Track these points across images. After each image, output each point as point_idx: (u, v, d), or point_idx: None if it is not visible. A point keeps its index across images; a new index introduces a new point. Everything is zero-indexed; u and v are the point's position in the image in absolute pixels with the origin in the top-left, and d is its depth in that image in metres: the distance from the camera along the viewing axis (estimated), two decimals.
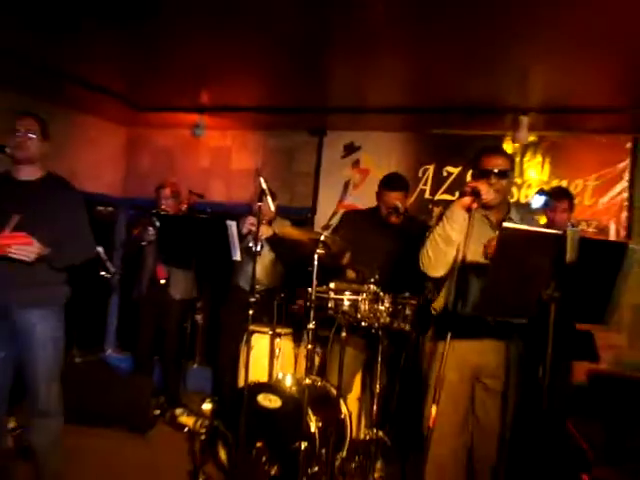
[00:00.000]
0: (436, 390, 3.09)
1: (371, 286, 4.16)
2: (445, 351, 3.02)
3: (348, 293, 4.17)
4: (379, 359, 4.30)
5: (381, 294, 4.12)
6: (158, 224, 5.46)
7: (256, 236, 4.23)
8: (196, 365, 7.00)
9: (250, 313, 4.10)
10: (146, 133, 7.58)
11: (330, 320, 4.23)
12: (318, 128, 6.82)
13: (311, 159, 6.94)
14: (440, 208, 3.74)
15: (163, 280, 5.67)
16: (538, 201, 4.58)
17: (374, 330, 4.19)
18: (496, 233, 2.96)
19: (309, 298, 3.94)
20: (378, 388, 4.31)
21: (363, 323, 4.15)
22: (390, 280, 4.26)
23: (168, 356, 5.81)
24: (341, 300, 4.16)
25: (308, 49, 4.62)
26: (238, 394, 4.21)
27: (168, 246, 5.41)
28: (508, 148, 6.08)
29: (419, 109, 5.87)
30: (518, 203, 5.99)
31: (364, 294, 4.14)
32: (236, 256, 4.83)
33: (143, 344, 5.84)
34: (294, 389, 4.19)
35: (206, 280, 6.30)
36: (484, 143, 5.94)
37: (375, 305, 4.12)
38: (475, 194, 3.07)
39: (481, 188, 3.08)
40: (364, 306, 4.12)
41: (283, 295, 4.88)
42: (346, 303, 4.15)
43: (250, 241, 4.61)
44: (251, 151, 7.17)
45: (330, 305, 4.17)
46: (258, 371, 4.58)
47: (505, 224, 2.74)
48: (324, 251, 3.96)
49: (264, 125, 6.96)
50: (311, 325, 3.98)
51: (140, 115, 6.81)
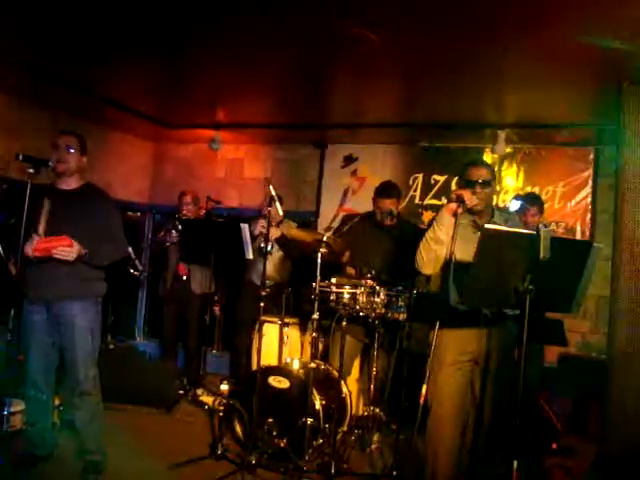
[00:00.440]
0: (430, 371, 3.11)
1: (368, 281, 4.18)
2: (435, 337, 3.04)
3: (348, 287, 4.19)
4: (375, 345, 4.32)
5: (377, 288, 4.13)
6: (180, 227, 5.49)
7: (266, 237, 4.25)
8: (215, 351, 6.99)
9: (261, 305, 4.12)
10: (170, 147, 7.58)
11: (332, 311, 4.24)
12: (320, 142, 6.82)
13: (314, 169, 6.94)
14: (431, 213, 3.75)
15: (184, 276, 5.69)
16: (515, 205, 4.59)
17: (371, 319, 4.21)
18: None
19: (313, 292, 3.96)
20: (375, 370, 4.33)
21: (361, 313, 4.16)
22: (385, 275, 4.28)
23: (190, 343, 5.83)
24: (341, 293, 4.17)
25: (312, 74, 4.64)
26: (251, 376, 4.23)
27: (189, 246, 5.45)
28: (488, 159, 6.07)
29: (410, 124, 5.88)
30: (497, 207, 5.99)
31: (362, 288, 4.15)
32: (249, 255, 4.85)
33: (168, 333, 5.86)
34: (301, 372, 4.20)
35: (222, 276, 6.31)
36: (466, 154, 5.99)
37: (372, 297, 4.13)
38: (460, 201, 3.10)
39: (465, 195, 3.11)
40: (362, 298, 4.13)
41: (291, 289, 4.89)
42: (346, 296, 4.16)
43: (261, 241, 4.62)
44: (261, 162, 7.16)
45: (332, 298, 4.18)
46: (269, 356, 4.58)
47: (486, 225, 2.76)
48: (326, 250, 3.98)
49: (273, 139, 6.97)
50: (315, 315, 3.99)
51: (165, 131, 6.83)
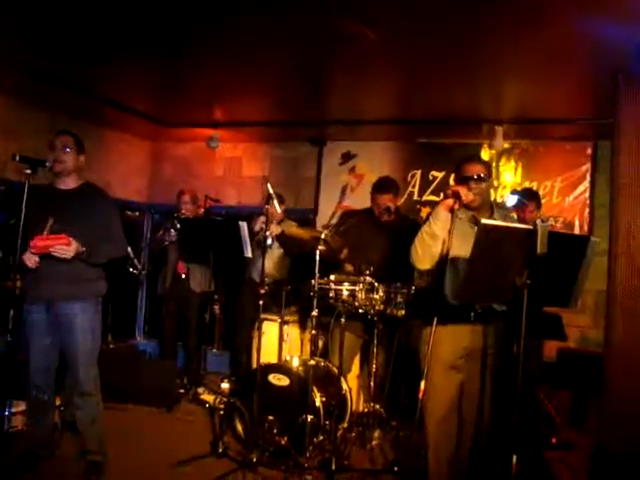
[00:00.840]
0: (427, 368, 3.11)
1: (367, 277, 4.18)
2: (432, 334, 3.05)
3: (346, 284, 4.18)
4: (375, 341, 4.33)
5: (376, 284, 4.13)
6: (179, 226, 5.49)
7: (265, 232, 4.27)
8: (215, 350, 6.98)
9: (260, 303, 4.12)
10: (168, 146, 7.58)
11: (331, 308, 4.25)
12: (318, 139, 6.82)
13: (313, 166, 6.94)
14: (428, 209, 3.74)
15: (183, 275, 5.70)
16: (512, 200, 4.58)
17: (370, 316, 4.21)
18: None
19: (312, 289, 3.96)
20: (374, 367, 4.34)
21: (360, 310, 4.17)
22: (383, 272, 4.28)
23: (190, 342, 5.83)
24: (340, 290, 4.17)
25: (309, 72, 4.64)
26: (252, 374, 4.23)
27: (188, 245, 5.45)
28: (485, 155, 6.09)
29: (407, 121, 5.88)
30: (496, 203, 5.99)
31: (361, 284, 4.15)
32: (247, 253, 4.86)
33: (168, 332, 5.86)
34: (300, 369, 4.20)
35: (222, 274, 6.31)
36: (464, 150, 5.98)
37: (370, 294, 4.13)
38: (456, 196, 3.10)
39: (461, 191, 3.11)
40: (361, 295, 4.13)
41: (290, 287, 4.89)
42: (345, 293, 4.16)
43: (261, 237, 4.64)
44: (260, 160, 7.17)
45: (331, 295, 4.18)
46: (269, 354, 4.59)
47: (483, 221, 2.75)
48: (325, 247, 3.98)
49: (271, 137, 6.96)
50: (314, 313, 4.00)
51: (163, 130, 6.82)
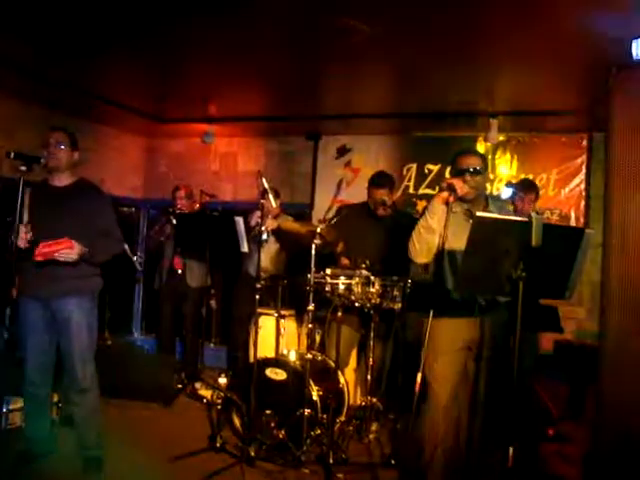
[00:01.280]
0: (424, 361, 3.11)
1: (363, 271, 4.18)
2: (428, 326, 3.05)
3: (343, 278, 4.17)
4: (371, 335, 4.33)
5: (372, 278, 4.13)
6: (175, 222, 5.49)
7: (260, 227, 4.26)
8: (212, 344, 7.02)
9: (257, 298, 4.12)
10: (163, 142, 7.56)
11: (327, 302, 4.25)
12: (314, 133, 6.82)
13: (308, 161, 6.94)
14: (424, 202, 3.73)
15: (179, 270, 5.69)
16: (507, 192, 4.60)
17: (366, 310, 4.22)
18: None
19: (308, 283, 3.96)
20: (371, 360, 4.34)
21: (356, 304, 4.16)
22: (379, 265, 4.28)
23: (187, 337, 5.83)
24: (336, 284, 4.16)
25: (303, 66, 4.64)
26: (249, 368, 4.24)
27: (184, 240, 5.44)
28: (481, 147, 6.09)
29: (403, 115, 5.89)
30: (491, 195, 6.00)
31: (357, 278, 4.14)
32: (244, 248, 4.85)
33: (165, 327, 5.87)
34: (297, 363, 4.21)
35: (218, 269, 6.31)
36: (460, 143, 5.98)
37: (367, 288, 4.13)
38: (451, 189, 3.09)
39: (456, 184, 3.11)
40: (357, 289, 4.13)
41: (286, 281, 4.89)
42: (341, 286, 4.15)
43: (257, 232, 4.64)
44: (255, 155, 7.16)
45: (327, 289, 4.18)
46: (266, 348, 4.59)
47: (478, 213, 2.75)
48: (320, 241, 3.98)
49: (266, 132, 6.96)
50: (311, 307, 4.00)
51: (157, 126, 6.81)
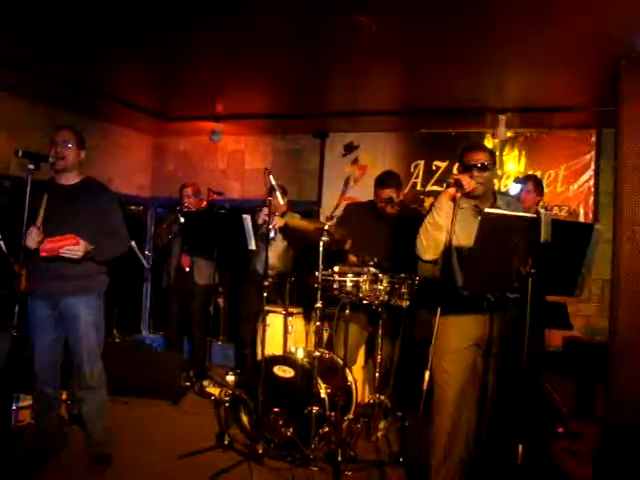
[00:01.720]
0: (432, 358, 3.09)
1: (370, 268, 4.17)
2: (437, 323, 3.03)
3: (350, 275, 4.16)
4: (379, 332, 4.32)
5: (380, 275, 4.11)
6: (182, 220, 5.48)
7: (268, 224, 4.25)
8: (220, 342, 7.03)
9: (265, 295, 4.12)
10: (170, 140, 7.57)
11: (335, 299, 4.24)
12: (321, 131, 6.80)
13: (315, 158, 6.92)
14: (432, 199, 3.71)
15: (187, 268, 5.70)
16: (515, 189, 4.55)
17: (374, 307, 4.20)
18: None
19: (316, 280, 3.95)
20: (379, 358, 4.33)
21: (364, 301, 4.14)
22: (387, 262, 4.26)
23: (195, 335, 5.85)
24: (344, 281, 4.14)
25: (310, 63, 4.62)
26: (257, 366, 4.24)
27: (192, 238, 5.44)
28: (489, 144, 6.05)
29: (409, 111, 5.85)
30: (500, 191, 5.96)
31: (365, 275, 4.12)
32: (251, 245, 4.85)
33: (173, 325, 5.89)
34: (305, 361, 4.21)
35: (226, 267, 6.31)
36: (467, 140, 5.96)
37: (375, 285, 4.11)
38: (458, 185, 3.07)
39: (463, 180, 3.08)
40: (365, 286, 4.11)
41: (294, 278, 4.88)
42: (349, 284, 4.13)
43: (264, 229, 4.64)
44: (262, 153, 7.15)
45: (335, 286, 4.16)
46: (274, 346, 4.58)
47: (486, 209, 2.73)
48: (328, 239, 3.96)
49: (273, 130, 6.95)
50: (319, 304, 3.99)
51: (165, 125, 6.81)
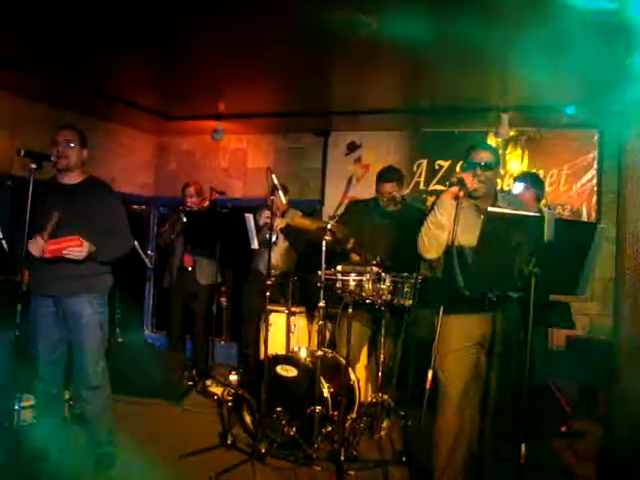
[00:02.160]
0: (435, 358, 3.09)
1: (373, 267, 4.17)
2: (439, 322, 3.03)
3: (353, 274, 4.17)
4: (382, 331, 4.32)
5: (382, 274, 4.12)
6: (185, 219, 5.49)
7: (271, 227, 4.25)
8: (222, 342, 7.03)
9: (267, 295, 4.12)
10: (172, 140, 7.57)
11: (338, 298, 4.24)
12: (323, 130, 6.80)
13: (318, 157, 6.92)
14: (433, 198, 3.70)
15: (189, 268, 5.71)
16: (518, 188, 4.53)
17: (377, 306, 4.20)
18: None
19: (319, 280, 3.95)
20: (382, 357, 4.33)
21: (367, 300, 4.15)
22: (390, 261, 4.26)
23: (198, 334, 5.85)
24: (347, 280, 4.16)
25: (312, 62, 4.61)
26: (259, 365, 4.24)
27: (194, 238, 5.45)
28: (492, 143, 6.05)
29: (412, 110, 5.85)
30: (502, 191, 5.96)
31: (367, 275, 4.14)
32: (254, 244, 4.85)
33: (175, 324, 5.89)
34: (308, 360, 4.21)
35: (229, 266, 6.31)
36: (470, 139, 5.95)
37: (377, 284, 4.12)
38: (461, 184, 3.05)
39: (466, 179, 3.07)
40: (368, 285, 4.12)
41: (297, 278, 4.89)
42: (352, 283, 4.15)
43: (267, 232, 4.63)
44: (265, 152, 7.15)
45: (338, 285, 4.17)
46: (276, 345, 4.59)
47: (489, 208, 2.73)
48: (331, 238, 3.96)
49: (276, 129, 6.95)
50: (321, 303, 3.99)
51: (167, 124, 6.81)
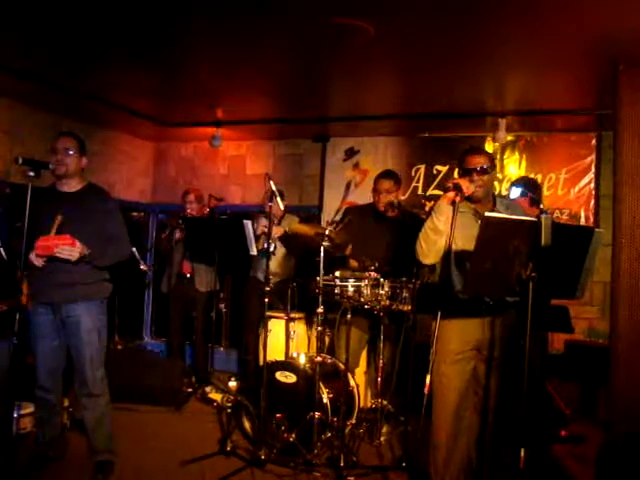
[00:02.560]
0: (433, 362, 3.09)
1: (372, 273, 4.17)
2: (437, 327, 3.03)
3: (352, 280, 4.17)
4: (381, 337, 4.32)
5: (381, 280, 4.12)
6: (184, 226, 5.50)
7: (268, 236, 4.26)
8: (222, 348, 7.03)
9: (266, 301, 4.12)
10: (171, 146, 7.58)
11: (337, 304, 4.24)
12: (321, 136, 6.80)
13: (316, 163, 6.93)
14: (431, 203, 3.70)
15: (188, 275, 5.71)
16: (515, 192, 4.54)
17: (376, 312, 4.21)
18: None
19: (317, 285, 3.96)
20: (381, 362, 4.33)
21: (366, 306, 4.16)
22: (388, 267, 4.27)
23: (197, 341, 5.86)
24: (346, 286, 4.16)
25: (310, 69, 4.63)
26: (259, 372, 4.24)
27: (193, 245, 5.46)
28: (489, 147, 6.07)
29: (409, 115, 5.85)
30: (500, 195, 5.97)
31: (366, 280, 4.13)
32: (253, 251, 4.86)
33: (175, 331, 5.89)
34: (307, 366, 4.21)
35: (228, 273, 6.31)
36: (468, 143, 5.92)
37: (376, 290, 4.12)
38: (457, 189, 3.06)
39: (462, 184, 3.08)
40: (366, 291, 4.12)
41: (295, 284, 4.89)
42: (350, 289, 4.15)
43: (264, 241, 4.63)
44: (263, 158, 7.16)
45: (336, 291, 4.17)
46: (276, 351, 4.59)
47: (487, 213, 2.74)
48: (329, 243, 3.97)
49: (274, 135, 6.96)
50: (320, 309, 3.99)
51: (166, 131, 6.82)
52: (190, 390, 5.41)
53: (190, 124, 6.55)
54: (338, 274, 4.27)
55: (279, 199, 4.34)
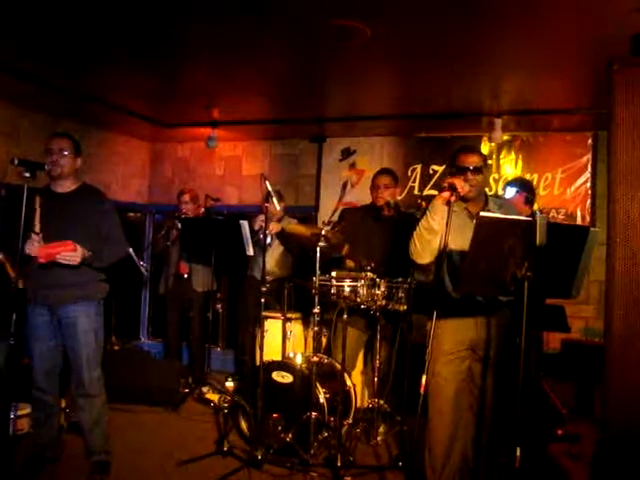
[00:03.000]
0: (429, 362, 3.09)
1: (368, 273, 4.18)
2: (432, 327, 3.04)
3: (348, 280, 4.17)
4: (378, 337, 4.33)
5: (377, 280, 4.12)
6: (180, 226, 5.51)
7: (264, 231, 4.26)
8: (219, 348, 7.04)
9: (262, 301, 4.13)
10: (167, 147, 7.59)
11: (333, 304, 4.25)
12: (318, 136, 6.83)
13: (313, 163, 6.95)
14: (425, 203, 3.70)
15: (185, 275, 5.72)
16: (510, 192, 4.54)
17: (372, 312, 4.21)
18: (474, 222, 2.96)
19: (314, 286, 3.96)
20: (378, 362, 4.34)
21: (362, 306, 4.16)
22: (384, 267, 4.28)
23: (194, 341, 5.86)
24: (342, 286, 4.15)
25: (307, 69, 4.65)
26: (255, 372, 4.24)
27: (189, 245, 5.46)
28: (485, 147, 6.09)
29: (405, 116, 5.88)
30: (496, 195, 5.98)
31: (362, 280, 4.14)
32: (249, 251, 4.86)
33: (171, 332, 5.90)
34: (304, 366, 4.21)
35: (225, 273, 6.31)
36: (464, 143, 5.94)
37: (372, 290, 4.12)
38: (452, 189, 3.06)
39: (457, 183, 3.08)
40: (363, 291, 4.12)
41: (292, 284, 4.90)
42: (347, 289, 4.14)
43: (261, 233, 4.66)
44: (259, 159, 7.17)
45: (333, 291, 4.17)
46: (272, 351, 4.59)
47: (481, 213, 2.75)
48: (325, 244, 3.97)
49: (270, 135, 6.98)
50: (316, 310, 4.00)
51: (162, 131, 6.83)
52: (187, 390, 5.40)
53: (186, 125, 6.57)
54: (334, 274, 4.27)
55: (275, 199, 4.34)
